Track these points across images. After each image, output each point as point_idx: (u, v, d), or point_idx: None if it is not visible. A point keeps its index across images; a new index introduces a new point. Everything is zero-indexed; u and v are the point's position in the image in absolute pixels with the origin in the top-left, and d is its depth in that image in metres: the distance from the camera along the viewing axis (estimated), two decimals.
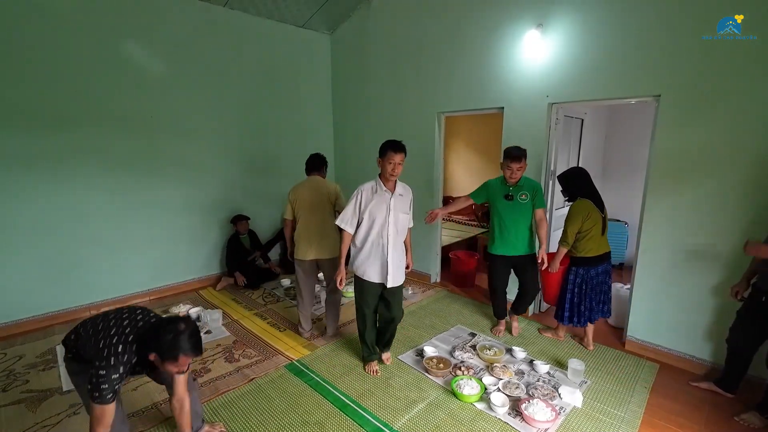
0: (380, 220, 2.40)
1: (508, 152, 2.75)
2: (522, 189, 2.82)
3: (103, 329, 1.60)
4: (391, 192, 2.41)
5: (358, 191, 2.41)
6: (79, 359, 1.68)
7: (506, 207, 2.86)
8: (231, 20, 4.13)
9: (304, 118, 4.97)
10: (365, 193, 2.40)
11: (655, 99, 2.68)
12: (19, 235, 3.16)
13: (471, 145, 6.58)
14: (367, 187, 2.42)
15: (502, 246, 2.94)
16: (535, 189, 2.84)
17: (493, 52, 3.46)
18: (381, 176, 2.40)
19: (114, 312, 1.69)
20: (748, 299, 2.26)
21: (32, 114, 3.12)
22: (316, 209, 2.95)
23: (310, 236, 2.94)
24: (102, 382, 1.48)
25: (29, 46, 3.05)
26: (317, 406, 2.34)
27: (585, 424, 2.19)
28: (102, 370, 1.49)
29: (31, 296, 3.28)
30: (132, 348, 1.56)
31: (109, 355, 1.51)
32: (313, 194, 2.97)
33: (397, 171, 2.33)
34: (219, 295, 4.05)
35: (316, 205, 2.95)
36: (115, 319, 1.63)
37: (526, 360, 2.80)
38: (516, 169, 2.73)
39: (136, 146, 3.66)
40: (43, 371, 2.68)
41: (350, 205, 2.42)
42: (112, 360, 1.50)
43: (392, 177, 2.36)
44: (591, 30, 2.86)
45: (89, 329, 1.64)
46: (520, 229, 2.87)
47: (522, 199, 2.81)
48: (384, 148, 2.33)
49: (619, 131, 4.94)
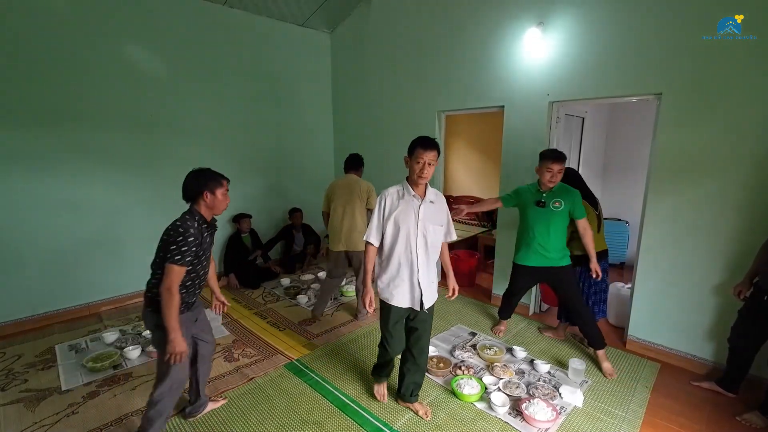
0: (406, 231, 2.00)
1: (548, 153, 2.55)
2: (556, 196, 2.62)
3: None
4: (421, 198, 2.02)
5: (382, 197, 2.06)
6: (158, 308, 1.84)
7: (537, 214, 2.66)
8: (230, 18, 4.11)
9: (304, 116, 4.96)
10: (389, 198, 2.04)
11: (657, 97, 2.67)
12: (18, 233, 3.15)
13: (471, 145, 6.56)
14: (392, 192, 2.05)
15: (528, 256, 2.75)
16: (573, 197, 2.60)
17: (493, 51, 3.44)
18: (408, 179, 2.04)
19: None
20: (750, 299, 2.25)
21: (32, 112, 3.11)
22: (347, 204, 3.20)
23: (341, 229, 3.21)
24: (181, 246, 1.82)
25: (29, 44, 3.04)
26: (317, 405, 2.33)
27: (586, 423, 2.18)
28: (180, 237, 1.82)
29: (30, 295, 3.27)
30: (188, 216, 1.93)
31: (178, 231, 1.85)
32: (346, 190, 3.22)
33: (427, 172, 1.94)
34: None
35: (347, 200, 3.20)
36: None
37: (527, 359, 2.79)
38: (557, 172, 2.52)
39: (136, 145, 3.65)
40: (42, 370, 2.67)
41: (374, 215, 2.06)
42: (181, 231, 1.85)
43: (421, 180, 1.97)
44: (592, 28, 2.85)
45: (157, 258, 1.95)
46: (551, 239, 2.65)
47: (555, 207, 2.61)
48: (413, 146, 1.97)
49: (619, 130, 4.93)
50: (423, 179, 1.97)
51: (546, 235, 2.65)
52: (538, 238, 2.68)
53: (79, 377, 2.58)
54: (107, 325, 3.33)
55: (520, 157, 3.42)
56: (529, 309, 3.57)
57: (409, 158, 1.99)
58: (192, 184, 2.02)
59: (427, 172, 1.94)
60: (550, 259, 2.69)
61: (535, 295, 3.58)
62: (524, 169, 3.39)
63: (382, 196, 2.06)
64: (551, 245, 2.66)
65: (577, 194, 2.63)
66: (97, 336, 3.10)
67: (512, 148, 3.48)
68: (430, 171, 1.95)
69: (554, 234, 2.65)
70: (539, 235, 2.67)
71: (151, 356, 2.80)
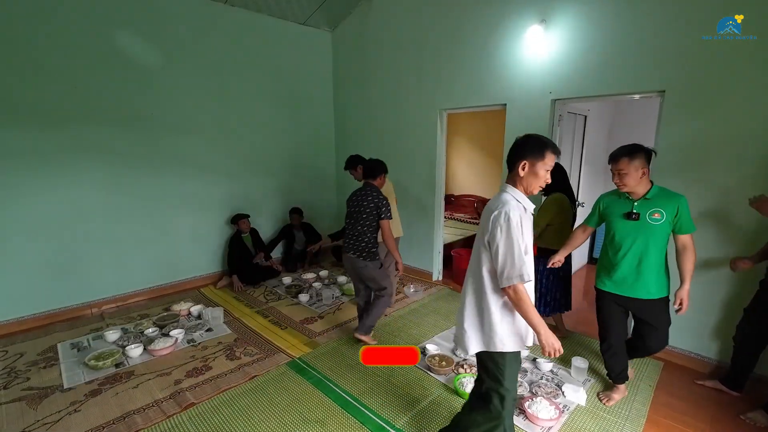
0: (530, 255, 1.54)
1: (613, 153, 2.03)
2: (654, 205, 1.99)
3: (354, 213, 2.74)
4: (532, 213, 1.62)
5: (514, 217, 1.44)
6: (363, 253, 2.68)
7: (627, 229, 2.07)
8: (231, 17, 4.11)
9: (305, 115, 4.95)
10: (520, 215, 1.47)
11: (660, 95, 2.65)
12: (21, 232, 3.15)
13: (473, 143, 6.55)
14: (517, 208, 1.48)
15: (614, 283, 2.16)
16: (678, 205, 1.97)
17: (495, 48, 3.43)
18: (521, 187, 1.54)
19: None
20: (756, 297, 2.24)
21: (33, 111, 3.11)
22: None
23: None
24: (387, 205, 2.65)
25: (30, 42, 3.04)
26: (319, 403, 2.33)
27: (589, 422, 2.17)
28: (385, 200, 2.59)
29: (32, 294, 3.27)
30: (375, 188, 2.76)
31: (380, 196, 2.67)
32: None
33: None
34: (220, 293, 4.04)
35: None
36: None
37: (529, 358, 2.78)
38: (620, 173, 1.98)
39: (138, 143, 3.65)
40: (44, 369, 2.67)
41: (514, 241, 1.43)
42: (382, 196, 2.63)
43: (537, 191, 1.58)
44: (595, 25, 2.84)
45: (352, 225, 2.74)
46: (646, 263, 2.05)
47: (654, 219, 2.00)
48: (542, 148, 1.49)
49: (622, 128, 4.91)
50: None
51: (636, 258, 2.06)
52: (629, 259, 2.08)
53: (81, 375, 2.58)
54: (109, 324, 3.33)
55: None
56: None
57: (533, 162, 1.49)
58: (378, 167, 2.80)
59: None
60: (639, 290, 2.09)
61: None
62: None
63: (513, 217, 1.43)
64: (645, 271, 2.06)
65: (683, 201, 1.99)
66: (99, 334, 3.10)
67: None
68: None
69: (651, 256, 2.04)
70: (630, 257, 2.07)
71: (153, 354, 2.80)
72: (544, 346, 1.52)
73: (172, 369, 2.66)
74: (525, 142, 1.53)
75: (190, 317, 3.46)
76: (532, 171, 1.51)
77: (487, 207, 1.59)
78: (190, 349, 2.93)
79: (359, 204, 2.75)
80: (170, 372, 2.63)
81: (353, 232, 2.78)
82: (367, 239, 2.74)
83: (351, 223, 2.81)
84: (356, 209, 2.77)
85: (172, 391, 2.42)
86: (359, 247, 2.75)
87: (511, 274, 1.43)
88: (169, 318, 3.38)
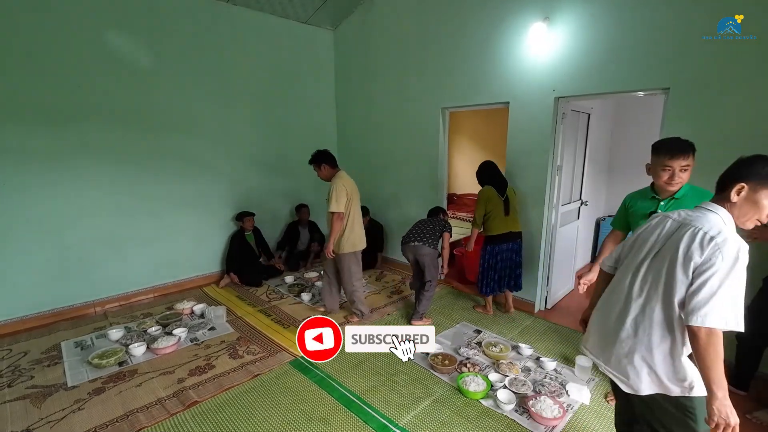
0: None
1: (664, 145, 1.78)
2: (682, 205, 1.75)
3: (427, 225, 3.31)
4: None
5: (745, 254, 1.18)
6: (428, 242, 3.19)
7: None
8: (234, 16, 4.11)
9: (307, 114, 4.95)
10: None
11: (664, 92, 2.63)
12: (24, 231, 3.16)
13: (475, 142, 6.54)
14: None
15: None
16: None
17: (498, 46, 3.42)
18: (737, 219, 1.31)
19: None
20: (760, 295, 2.22)
21: (38, 111, 3.12)
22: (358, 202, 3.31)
23: (361, 227, 3.30)
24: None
25: (32, 41, 3.04)
26: (322, 402, 2.32)
27: (593, 421, 2.16)
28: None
29: (35, 293, 3.28)
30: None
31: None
32: (355, 188, 3.27)
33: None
34: (222, 292, 4.04)
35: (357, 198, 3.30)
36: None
37: (533, 357, 2.77)
38: (679, 170, 1.75)
39: (140, 143, 3.65)
40: (48, 367, 2.68)
41: (741, 285, 1.19)
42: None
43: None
44: (599, 22, 2.82)
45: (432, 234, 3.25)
46: None
47: None
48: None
49: (625, 126, 4.88)
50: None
51: None
52: None
53: (84, 374, 2.59)
54: (112, 323, 3.34)
55: (525, 154, 3.40)
56: (535, 306, 3.55)
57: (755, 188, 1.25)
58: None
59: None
60: None
61: (541, 292, 3.56)
62: (531, 166, 3.37)
63: (744, 249, 1.18)
64: None
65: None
66: (103, 333, 3.10)
67: (517, 145, 3.46)
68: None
69: None
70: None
71: (156, 353, 2.81)
72: (713, 414, 1.15)
73: (175, 367, 2.67)
74: (752, 162, 1.27)
75: (193, 316, 3.47)
76: (752, 199, 1.24)
77: (681, 222, 1.32)
78: (193, 347, 2.94)
79: (431, 223, 3.38)
80: (173, 370, 2.63)
81: (420, 231, 3.32)
82: (434, 236, 3.29)
83: (418, 228, 3.35)
84: (426, 223, 3.38)
85: (176, 390, 2.42)
86: (424, 237, 3.27)
87: (723, 314, 1.12)
88: (172, 317, 3.38)
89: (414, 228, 3.39)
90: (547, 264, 3.52)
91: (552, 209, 3.41)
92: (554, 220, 3.44)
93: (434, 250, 3.26)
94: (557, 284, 3.72)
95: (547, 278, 3.55)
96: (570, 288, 4.08)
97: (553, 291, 3.64)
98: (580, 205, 4.03)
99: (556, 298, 3.75)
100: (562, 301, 3.84)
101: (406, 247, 3.32)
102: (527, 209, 3.46)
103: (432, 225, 3.34)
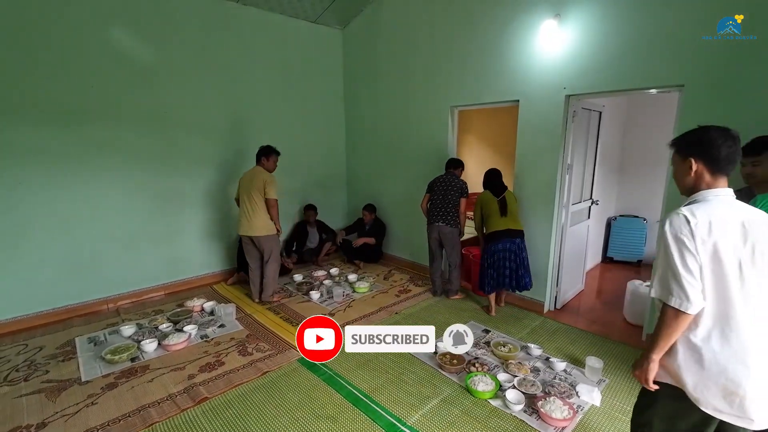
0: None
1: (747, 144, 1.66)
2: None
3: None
4: None
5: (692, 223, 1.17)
6: (451, 222, 3.53)
7: None
8: (243, 16, 4.14)
9: (316, 113, 4.97)
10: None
11: (678, 89, 2.58)
12: (38, 229, 3.22)
13: (484, 141, 6.49)
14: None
15: None
16: None
17: (508, 44, 3.39)
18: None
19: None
20: None
21: (51, 111, 3.18)
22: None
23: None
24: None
25: (44, 41, 3.10)
26: (330, 400, 2.33)
27: (604, 422, 2.13)
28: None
29: (50, 289, 3.34)
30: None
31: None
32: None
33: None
34: (232, 290, 4.08)
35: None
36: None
37: (542, 357, 2.74)
38: (752, 167, 1.71)
39: (152, 141, 3.70)
40: (62, 362, 2.74)
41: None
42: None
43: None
44: (610, 18, 2.78)
45: (441, 201, 3.53)
46: None
47: None
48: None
49: (637, 124, 4.81)
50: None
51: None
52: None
53: (98, 369, 2.64)
54: (125, 319, 3.39)
55: (535, 153, 3.37)
56: (544, 306, 3.52)
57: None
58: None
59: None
60: None
61: (550, 291, 3.52)
62: (540, 165, 3.34)
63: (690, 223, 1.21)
64: None
65: None
66: (115, 329, 3.15)
67: (527, 144, 3.42)
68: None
69: None
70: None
71: (167, 349, 2.84)
72: (638, 366, 1.31)
73: (185, 364, 2.70)
74: None
75: (203, 313, 3.51)
76: None
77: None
78: (203, 344, 2.97)
79: (447, 184, 3.59)
80: (184, 367, 2.66)
81: (442, 206, 3.57)
82: (454, 211, 3.57)
83: (440, 200, 3.59)
84: (444, 188, 3.59)
85: (186, 386, 2.45)
86: (448, 217, 3.55)
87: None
88: (183, 314, 3.43)
89: (435, 198, 3.62)
90: (556, 264, 3.48)
91: (562, 208, 3.37)
92: (564, 219, 3.40)
93: (455, 228, 3.59)
94: (567, 284, 3.68)
95: (557, 278, 3.52)
96: (580, 288, 4.03)
97: (562, 291, 3.60)
98: (591, 204, 3.98)
99: (566, 298, 3.71)
100: (572, 301, 3.80)
101: (431, 227, 3.64)
102: (536, 208, 3.43)
103: (450, 193, 3.56)
